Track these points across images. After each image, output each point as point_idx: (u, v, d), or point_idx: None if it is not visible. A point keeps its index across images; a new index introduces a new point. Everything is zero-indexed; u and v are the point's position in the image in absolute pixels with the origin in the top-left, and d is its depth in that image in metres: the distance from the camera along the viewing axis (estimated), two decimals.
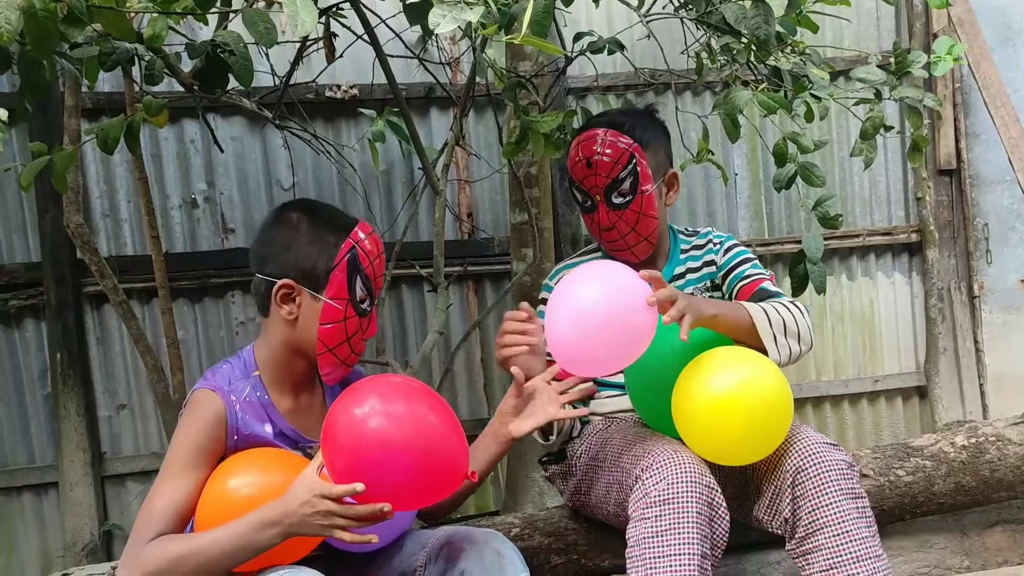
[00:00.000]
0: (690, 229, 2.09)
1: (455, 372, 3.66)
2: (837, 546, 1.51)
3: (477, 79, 2.61)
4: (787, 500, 1.56)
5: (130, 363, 3.38)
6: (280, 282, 1.48)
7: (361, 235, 1.52)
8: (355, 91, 3.50)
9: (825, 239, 3.55)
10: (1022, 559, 2.02)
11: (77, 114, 2.33)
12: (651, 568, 1.47)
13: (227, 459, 1.48)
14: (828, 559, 1.52)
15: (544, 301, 1.94)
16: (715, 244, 2.02)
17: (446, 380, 3.44)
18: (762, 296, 1.84)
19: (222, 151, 3.13)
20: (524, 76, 2.62)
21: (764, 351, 1.69)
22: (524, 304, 1.70)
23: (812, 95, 2.02)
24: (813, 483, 1.54)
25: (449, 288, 3.02)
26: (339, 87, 3.49)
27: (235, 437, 1.50)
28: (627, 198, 1.86)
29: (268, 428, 1.52)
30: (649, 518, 1.49)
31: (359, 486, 1.28)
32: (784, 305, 1.77)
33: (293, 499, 1.32)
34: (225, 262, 3.41)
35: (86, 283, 3.29)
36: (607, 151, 1.87)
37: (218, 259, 3.42)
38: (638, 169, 1.87)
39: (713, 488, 1.52)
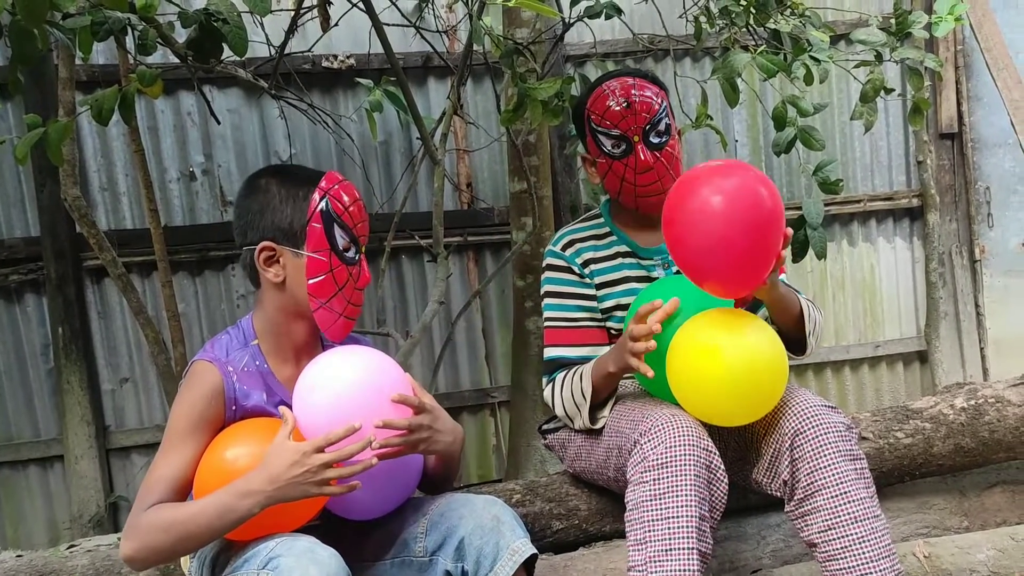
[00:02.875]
0: None
1: (456, 342, 3.67)
2: (835, 507, 1.52)
3: (474, 47, 2.59)
4: (786, 462, 1.57)
5: (132, 336, 3.39)
6: (260, 245, 1.49)
7: (332, 184, 1.51)
8: (351, 61, 3.47)
9: (826, 205, 3.54)
10: (1021, 519, 2.03)
11: (71, 86, 2.31)
12: (649, 530, 1.48)
13: (225, 430, 1.49)
14: (827, 520, 1.53)
15: (549, 267, 1.94)
16: None
17: (447, 350, 3.45)
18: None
19: (219, 123, 3.12)
20: (521, 43, 2.60)
21: (800, 343, 1.76)
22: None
23: (812, 57, 2.01)
24: (811, 445, 1.54)
25: (449, 258, 3.01)
26: (335, 57, 3.46)
27: (233, 408, 1.50)
28: (663, 139, 1.87)
29: (267, 397, 1.53)
30: (647, 482, 1.50)
31: (356, 424, 1.33)
32: (813, 306, 1.83)
33: (278, 465, 1.33)
34: (224, 235, 3.39)
35: (86, 257, 3.29)
36: (645, 92, 1.88)
37: (217, 232, 3.42)
38: (668, 112, 1.91)
39: (711, 451, 1.52)
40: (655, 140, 1.86)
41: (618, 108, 1.86)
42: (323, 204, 1.48)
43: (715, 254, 1.47)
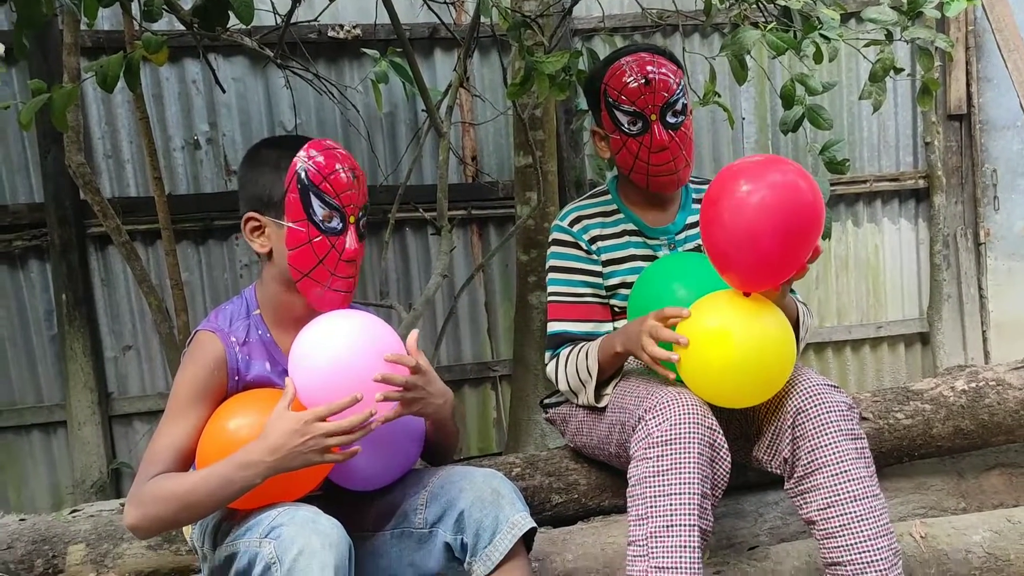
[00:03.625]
0: (701, 178, 2.05)
1: (459, 315, 3.67)
2: (835, 485, 1.53)
3: (482, 19, 2.57)
4: (787, 440, 1.58)
5: (135, 304, 3.39)
6: (245, 216, 1.49)
7: (309, 153, 1.47)
8: (358, 31, 3.44)
9: (832, 184, 3.53)
10: (1018, 501, 2.04)
11: (76, 52, 2.30)
12: (651, 506, 1.48)
13: (227, 400, 1.49)
14: (826, 498, 1.53)
15: (556, 242, 1.93)
16: None
17: (449, 323, 3.46)
18: None
19: (223, 91, 3.10)
20: (529, 16, 2.58)
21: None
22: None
23: (822, 35, 1.99)
24: (813, 423, 1.55)
25: (453, 231, 3.01)
26: (342, 27, 3.43)
27: (236, 378, 1.51)
28: (679, 118, 1.86)
29: (269, 367, 1.53)
30: (651, 458, 1.51)
31: (358, 395, 1.32)
32: (807, 312, 1.84)
33: (278, 435, 1.33)
34: (229, 204, 3.39)
35: (90, 224, 3.29)
36: (663, 70, 1.86)
37: (222, 201, 3.41)
38: (686, 90, 1.90)
39: (715, 430, 1.53)
40: (672, 120, 1.85)
41: (636, 85, 1.84)
42: (301, 173, 1.46)
43: (748, 249, 1.45)
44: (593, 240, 1.91)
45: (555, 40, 3.03)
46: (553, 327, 1.89)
